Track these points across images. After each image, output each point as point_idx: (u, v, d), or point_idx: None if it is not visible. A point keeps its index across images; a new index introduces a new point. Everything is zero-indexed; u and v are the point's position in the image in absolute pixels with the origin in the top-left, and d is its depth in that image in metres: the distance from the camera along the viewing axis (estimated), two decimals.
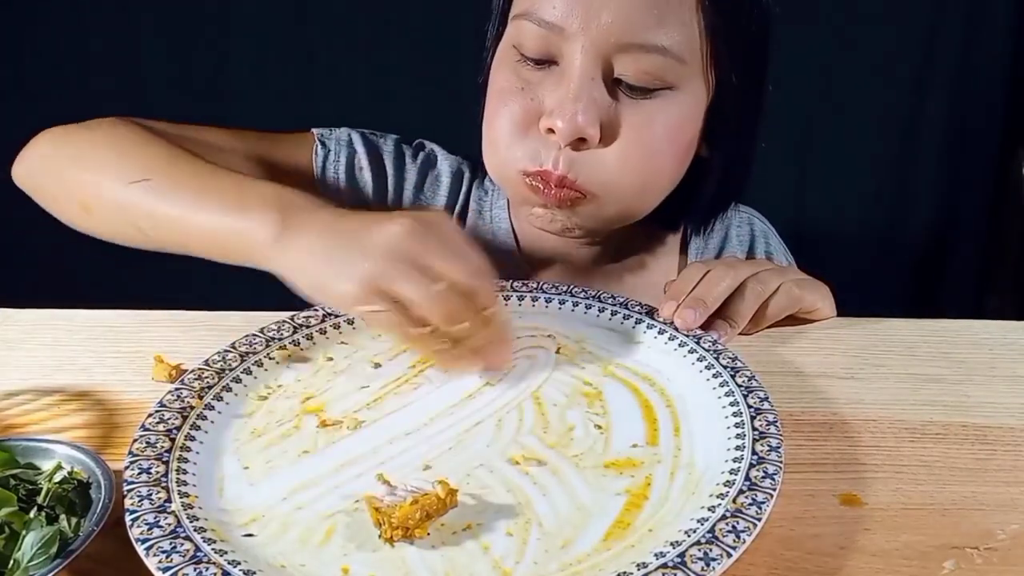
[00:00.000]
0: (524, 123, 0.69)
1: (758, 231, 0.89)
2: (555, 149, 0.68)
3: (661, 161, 0.71)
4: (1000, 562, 0.46)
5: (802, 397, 0.60)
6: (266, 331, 0.61)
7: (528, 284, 0.69)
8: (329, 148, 0.81)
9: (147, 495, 0.45)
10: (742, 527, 0.43)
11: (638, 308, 0.66)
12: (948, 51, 1.61)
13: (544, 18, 0.66)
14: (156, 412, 0.52)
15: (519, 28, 0.68)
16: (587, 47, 0.65)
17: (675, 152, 0.71)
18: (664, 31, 0.65)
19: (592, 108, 0.66)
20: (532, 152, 0.69)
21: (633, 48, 0.66)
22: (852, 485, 0.51)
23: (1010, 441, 0.55)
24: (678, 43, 0.66)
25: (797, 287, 0.68)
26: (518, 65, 0.70)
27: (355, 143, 0.82)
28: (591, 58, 0.66)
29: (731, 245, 0.87)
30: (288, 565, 0.43)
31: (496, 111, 0.71)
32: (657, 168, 0.71)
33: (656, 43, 0.65)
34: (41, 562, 0.41)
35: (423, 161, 0.85)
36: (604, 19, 0.65)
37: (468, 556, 0.44)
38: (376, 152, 0.83)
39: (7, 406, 0.58)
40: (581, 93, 0.66)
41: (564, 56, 0.67)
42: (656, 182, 0.72)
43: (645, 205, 0.74)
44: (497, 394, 0.57)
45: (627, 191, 0.70)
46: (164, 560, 0.41)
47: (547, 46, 0.67)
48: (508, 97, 0.70)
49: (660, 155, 0.70)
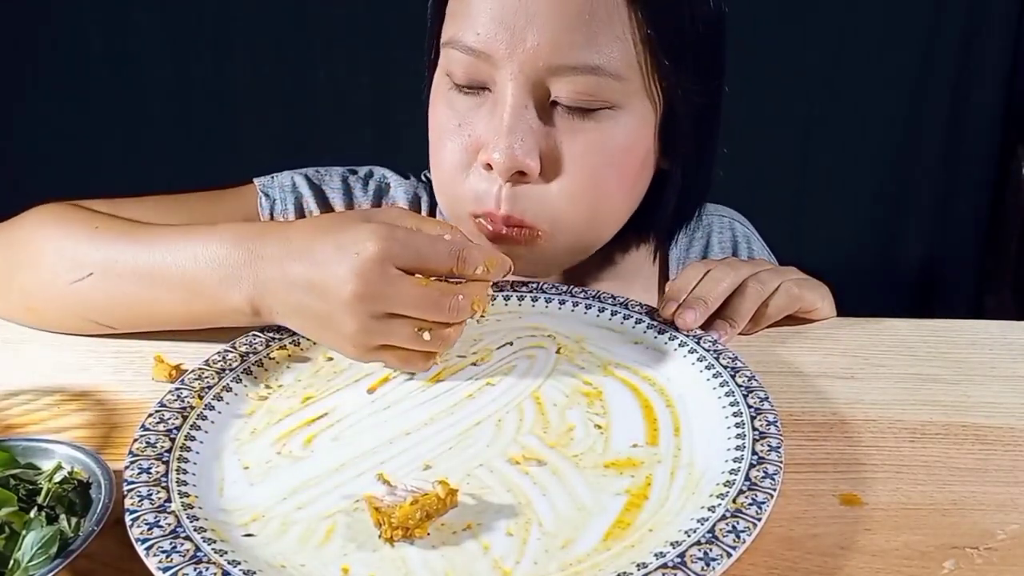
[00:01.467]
0: (464, 161, 0.66)
1: (740, 235, 0.88)
2: (496, 185, 0.65)
3: (609, 186, 0.67)
4: (1000, 562, 0.46)
5: (802, 397, 0.60)
6: (266, 331, 0.61)
7: (528, 284, 0.69)
8: (274, 198, 0.79)
9: (147, 495, 0.45)
10: (742, 527, 0.43)
11: (638, 308, 0.66)
12: (948, 51, 1.61)
13: (469, 45, 0.63)
14: (156, 412, 0.52)
15: (448, 56, 0.66)
16: (515, 73, 0.62)
17: (624, 175, 0.68)
18: (595, 49, 0.62)
19: (529, 138, 0.63)
20: (475, 192, 0.66)
21: (564, 70, 0.62)
22: (852, 485, 0.51)
23: (1010, 441, 0.55)
24: (613, 60, 0.63)
25: (797, 287, 0.68)
26: (451, 94, 0.67)
27: (299, 187, 0.80)
28: (522, 85, 0.63)
29: (713, 251, 0.86)
30: (288, 565, 0.43)
31: (437, 150, 0.69)
32: (606, 194, 0.68)
33: (589, 63, 0.62)
34: (41, 562, 0.41)
35: (375, 191, 0.83)
36: (530, 42, 0.61)
37: (468, 556, 0.44)
38: (321, 193, 0.81)
39: (7, 406, 0.58)
40: (516, 124, 0.63)
41: (496, 83, 0.64)
42: (608, 208, 0.69)
43: (602, 233, 0.71)
44: (497, 394, 0.57)
45: (578, 222, 0.67)
46: (164, 560, 0.41)
47: (476, 73, 0.64)
48: (445, 135, 0.67)
49: (607, 180, 0.67)
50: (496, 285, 0.69)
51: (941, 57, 1.61)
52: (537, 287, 0.69)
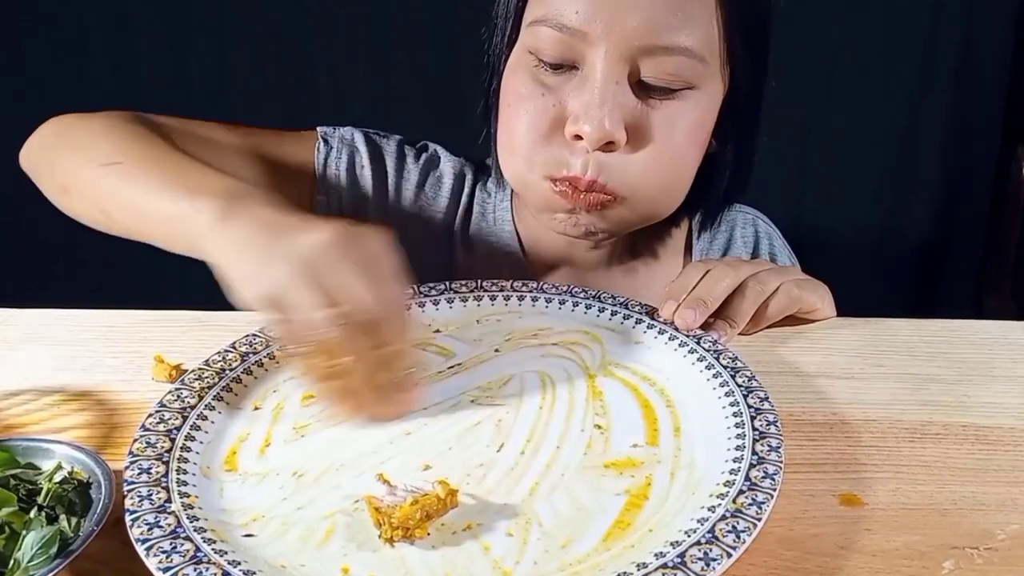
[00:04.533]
0: (548, 129, 0.69)
1: (762, 232, 0.89)
2: (583, 154, 0.67)
3: (684, 160, 0.72)
4: (1000, 562, 0.46)
5: (802, 397, 0.60)
6: (266, 331, 0.61)
7: (528, 284, 0.69)
8: (332, 146, 0.82)
9: (147, 495, 0.45)
10: (742, 527, 0.43)
11: (638, 308, 0.66)
12: (948, 51, 1.61)
13: (565, 23, 0.66)
14: (156, 412, 0.52)
15: (536, 33, 0.68)
16: (610, 51, 0.65)
17: (696, 149, 0.72)
18: (687, 32, 0.65)
19: (618, 112, 0.66)
20: (558, 158, 0.69)
21: (658, 50, 0.65)
22: (852, 485, 0.51)
23: (1010, 441, 0.55)
24: (700, 43, 0.66)
25: (797, 287, 0.68)
26: (536, 70, 0.69)
27: (357, 142, 0.82)
28: (615, 62, 0.65)
29: (736, 246, 0.87)
30: (288, 565, 0.43)
31: (515, 117, 0.70)
32: (681, 167, 0.72)
33: (680, 44, 0.65)
34: (41, 562, 0.41)
35: (425, 161, 0.85)
36: (628, 23, 0.64)
37: (468, 556, 0.44)
38: (378, 152, 0.83)
39: (7, 406, 0.58)
40: (607, 97, 0.65)
41: (586, 60, 0.67)
42: (679, 181, 0.73)
43: (669, 205, 0.74)
44: (497, 394, 0.57)
45: (654, 191, 0.71)
46: (164, 560, 0.41)
47: (567, 51, 0.67)
48: (528, 103, 0.69)
49: (685, 154, 0.71)
50: (497, 285, 0.69)
51: (941, 57, 1.61)
52: (537, 287, 0.69)
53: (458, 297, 0.68)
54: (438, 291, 0.68)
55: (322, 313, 0.49)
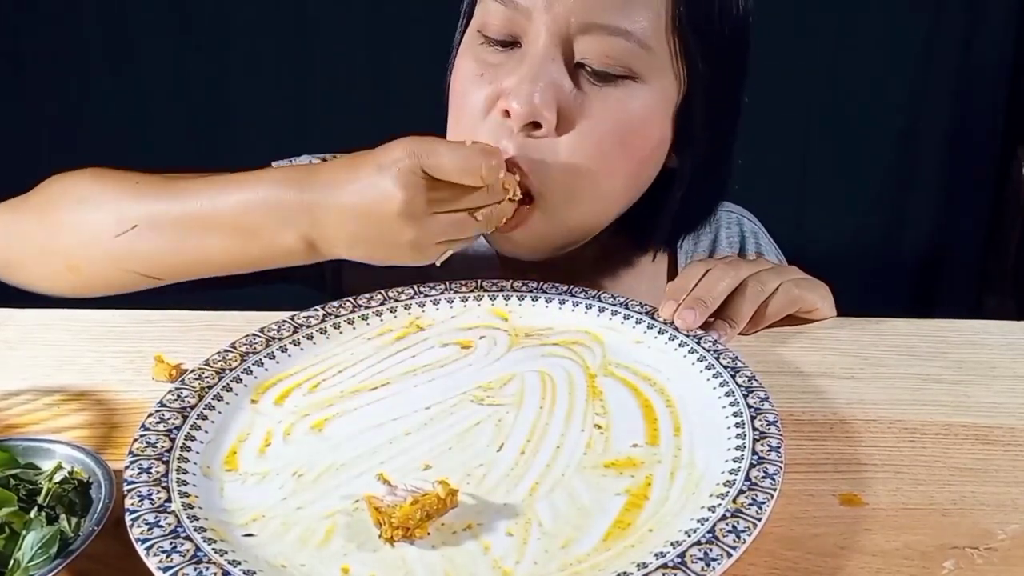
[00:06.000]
0: (483, 108, 0.67)
1: (747, 231, 0.88)
2: (509, 133, 0.65)
3: (616, 158, 0.67)
4: (1000, 562, 0.46)
5: (802, 397, 0.60)
6: (266, 331, 0.61)
7: (528, 284, 0.69)
8: None
9: (147, 495, 0.45)
10: (742, 527, 0.43)
11: (638, 308, 0.66)
12: (948, 51, 1.61)
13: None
14: (156, 412, 0.52)
15: (484, 9, 0.67)
16: (549, 26, 0.64)
17: (632, 150, 0.68)
18: (627, 13, 0.64)
19: (550, 91, 0.64)
20: (489, 138, 0.65)
21: (596, 28, 0.64)
22: (852, 485, 0.51)
23: (1010, 441, 0.55)
24: (643, 28, 0.64)
25: (797, 287, 0.68)
26: (481, 49, 0.68)
27: None
28: (552, 38, 0.64)
29: (721, 247, 0.86)
30: (288, 565, 0.43)
31: (459, 97, 0.69)
32: (610, 164, 0.67)
33: (620, 25, 0.63)
34: (41, 562, 0.41)
35: None
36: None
37: (468, 556, 0.44)
38: None
39: (7, 406, 0.58)
40: (540, 74, 0.64)
41: (527, 36, 0.65)
42: (608, 184, 0.68)
43: (596, 212, 0.70)
44: (497, 394, 0.57)
45: (575, 187, 0.66)
46: (164, 560, 0.41)
47: (510, 26, 0.65)
48: (469, 84, 0.68)
49: (616, 150, 0.67)
50: (497, 285, 0.69)
51: (941, 57, 1.61)
52: (537, 287, 0.69)
53: (458, 297, 0.68)
54: (438, 291, 0.68)
55: (463, 200, 0.59)
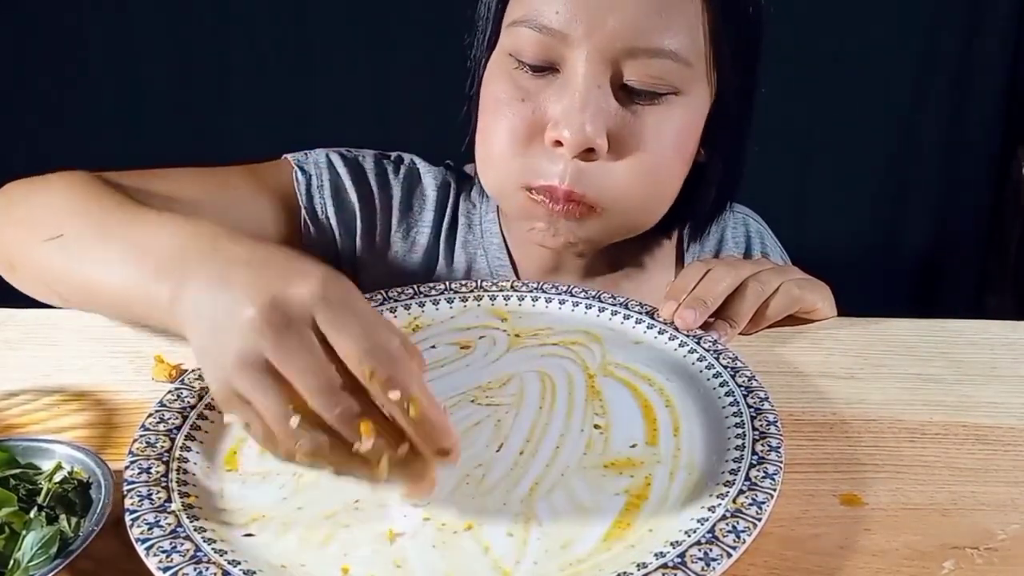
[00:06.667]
0: (526, 135, 0.66)
1: (753, 231, 0.88)
2: (561, 162, 0.65)
3: (669, 169, 0.69)
4: (1000, 562, 0.46)
5: (802, 397, 0.60)
6: None
7: (527, 284, 0.69)
8: (310, 173, 0.78)
9: (147, 495, 0.45)
10: (742, 527, 0.43)
11: (638, 308, 0.66)
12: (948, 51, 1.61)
13: (545, 24, 0.64)
14: (156, 412, 0.52)
15: (516, 35, 0.66)
16: (592, 53, 0.63)
17: (682, 158, 0.70)
18: (671, 34, 0.64)
19: (600, 117, 0.64)
20: (535, 166, 0.66)
21: (640, 53, 0.64)
22: (852, 485, 0.51)
23: (1010, 441, 0.55)
24: (685, 46, 0.65)
25: (797, 287, 0.68)
26: (515, 73, 0.67)
27: (336, 165, 0.79)
28: (596, 65, 0.64)
29: (727, 247, 0.87)
30: (288, 565, 0.43)
31: (494, 123, 0.68)
32: (665, 177, 0.70)
33: (664, 47, 0.64)
34: (41, 562, 0.41)
35: (405, 176, 0.82)
36: (610, 24, 0.63)
37: (468, 556, 0.44)
38: (360, 172, 0.80)
39: (7, 406, 0.58)
40: (588, 102, 0.63)
41: (567, 63, 0.65)
42: (663, 192, 0.71)
43: (651, 217, 0.72)
44: (496, 395, 0.57)
45: (635, 202, 0.69)
46: (164, 560, 0.41)
47: (547, 53, 0.65)
48: (506, 108, 0.67)
49: (669, 163, 0.69)
50: (497, 285, 0.69)
51: (941, 57, 1.61)
52: (537, 287, 0.69)
53: (458, 297, 0.68)
54: (438, 291, 0.68)
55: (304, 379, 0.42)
